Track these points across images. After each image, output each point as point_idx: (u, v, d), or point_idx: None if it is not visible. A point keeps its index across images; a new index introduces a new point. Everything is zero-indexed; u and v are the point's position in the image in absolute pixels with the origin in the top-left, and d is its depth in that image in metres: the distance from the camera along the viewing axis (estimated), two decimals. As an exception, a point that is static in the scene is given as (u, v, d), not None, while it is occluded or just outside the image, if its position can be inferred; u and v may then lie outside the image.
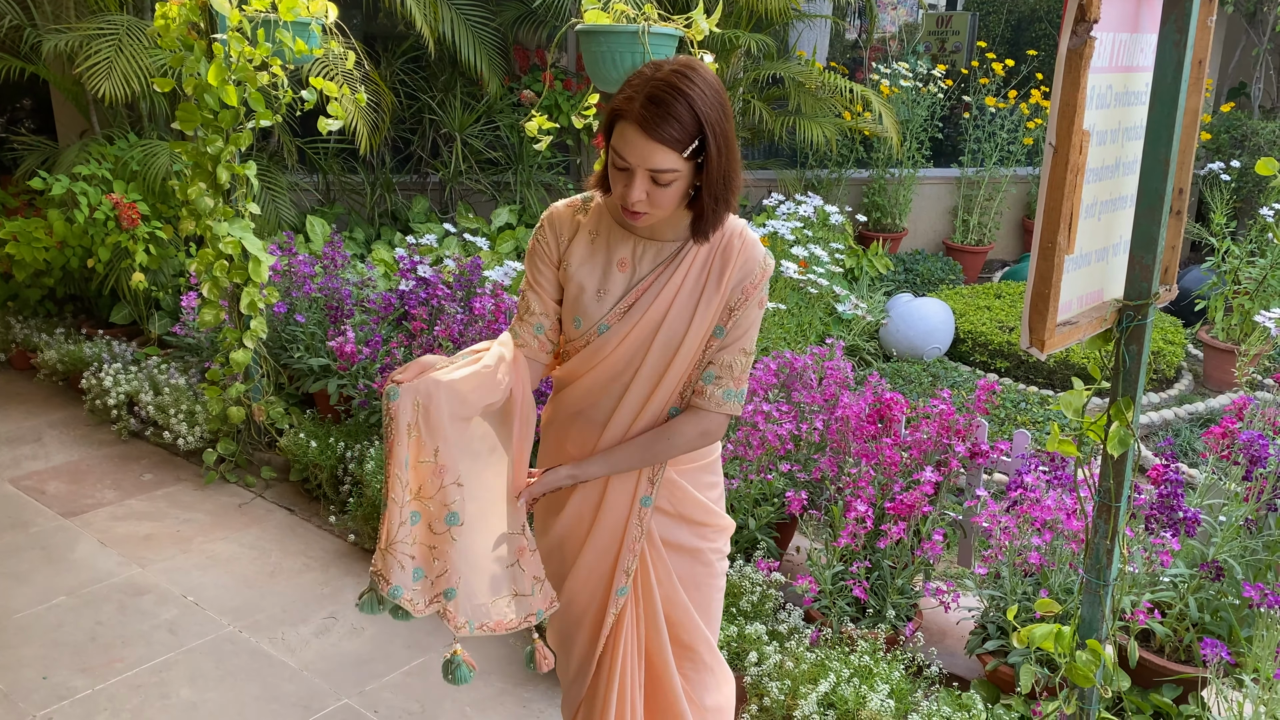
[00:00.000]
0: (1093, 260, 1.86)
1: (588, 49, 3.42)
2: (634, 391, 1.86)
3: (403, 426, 1.68)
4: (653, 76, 1.65)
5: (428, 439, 1.71)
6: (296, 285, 4.67)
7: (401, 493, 1.71)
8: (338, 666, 3.12)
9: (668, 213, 1.73)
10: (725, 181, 1.71)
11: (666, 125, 1.62)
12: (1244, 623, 2.64)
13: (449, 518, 1.74)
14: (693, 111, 1.63)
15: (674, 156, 1.64)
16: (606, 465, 1.89)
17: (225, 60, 3.77)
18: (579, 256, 1.84)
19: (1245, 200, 7.68)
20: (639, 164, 1.65)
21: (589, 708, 2.04)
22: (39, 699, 2.95)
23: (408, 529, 1.72)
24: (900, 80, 7.58)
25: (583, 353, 1.86)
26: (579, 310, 1.85)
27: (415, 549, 1.74)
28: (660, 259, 1.83)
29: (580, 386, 1.90)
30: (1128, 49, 1.78)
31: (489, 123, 6.67)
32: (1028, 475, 2.94)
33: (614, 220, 1.85)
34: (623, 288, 1.83)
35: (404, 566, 1.72)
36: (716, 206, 1.72)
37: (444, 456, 1.72)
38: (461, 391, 1.72)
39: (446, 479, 1.73)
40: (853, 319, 5.78)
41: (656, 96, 1.62)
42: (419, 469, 1.72)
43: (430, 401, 1.69)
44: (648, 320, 1.82)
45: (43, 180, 5.11)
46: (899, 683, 2.66)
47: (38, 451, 4.60)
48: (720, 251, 1.83)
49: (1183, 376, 5.89)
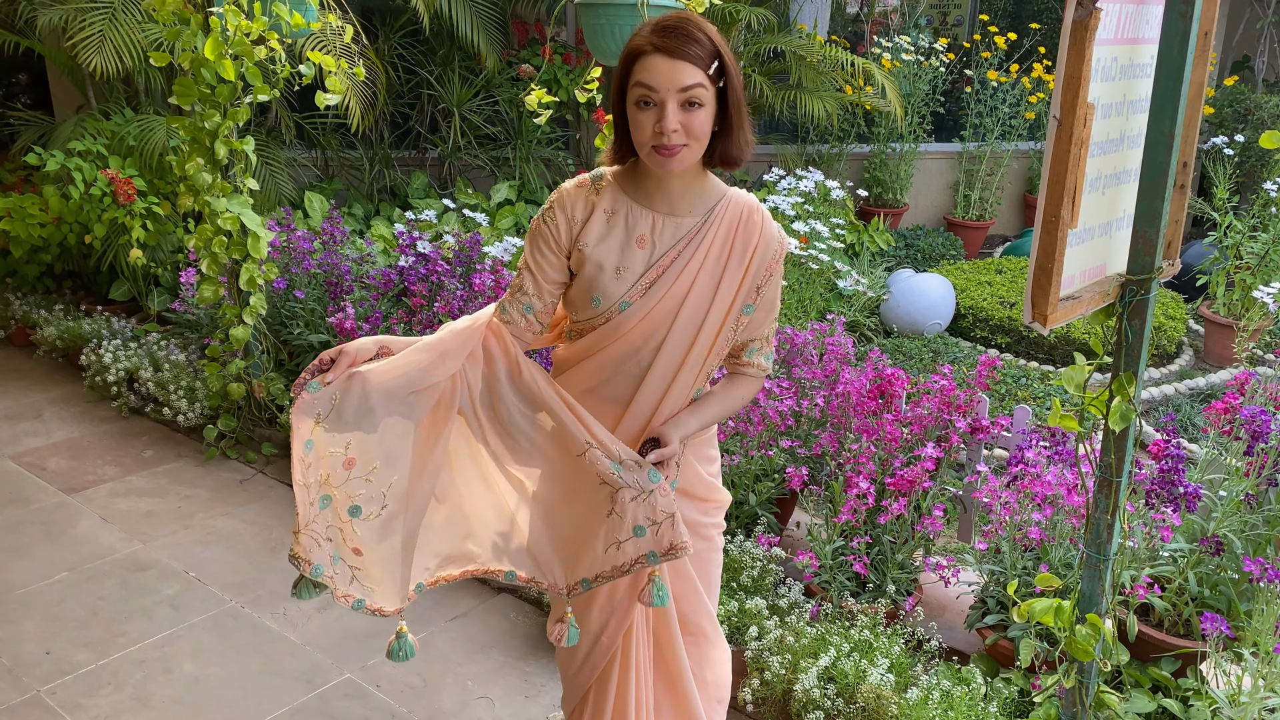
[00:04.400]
0: (1096, 234, 1.85)
1: (587, 22, 3.39)
2: (657, 370, 1.85)
3: (310, 417, 1.72)
4: (661, 17, 1.72)
5: (337, 433, 1.73)
6: (296, 261, 4.65)
7: (304, 474, 1.72)
8: (339, 641, 3.13)
9: (701, 146, 1.73)
10: (741, 111, 1.74)
11: (688, 44, 1.66)
12: (1243, 597, 2.65)
13: (351, 510, 1.77)
14: (706, 35, 1.69)
15: (700, 73, 1.67)
16: (698, 420, 1.90)
17: (222, 34, 3.73)
18: (595, 235, 1.82)
19: (1248, 175, 7.64)
20: (669, 88, 1.66)
21: (600, 688, 2.03)
22: (42, 673, 2.96)
23: (316, 510, 1.74)
24: (902, 54, 7.52)
25: (599, 330, 1.85)
26: (598, 289, 1.82)
27: (332, 532, 1.76)
28: (680, 235, 1.82)
29: (591, 364, 1.88)
30: (1133, 20, 1.76)
31: (488, 98, 6.63)
32: (1028, 450, 2.94)
33: (631, 197, 1.83)
34: (643, 265, 1.81)
35: (319, 545, 1.74)
36: (734, 135, 1.75)
37: (354, 450, 1.75)
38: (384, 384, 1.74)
39: (355, 471, 1.76)
40: (853, 295, 5.76)
41: (668, 25, 1.69)
42: (328, 458, 1.74)
43: (344, 397, 1.72)
44: (671, 297, 1.81)
45: (38, 156, 5.08)
46: (899, 657, 2.67)
47: (38, 428, 4.60)
48: (742, 228, 1.83)
49: (1184, 352, 5.88)
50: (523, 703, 2.87)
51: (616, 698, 2.01)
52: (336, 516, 1.76)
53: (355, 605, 1.79)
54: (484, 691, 2.93)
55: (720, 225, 1.82)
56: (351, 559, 1.78)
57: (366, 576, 1.80)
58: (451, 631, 3.16)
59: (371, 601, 1.80)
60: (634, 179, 1.83)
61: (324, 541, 1.74)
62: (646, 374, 1.86)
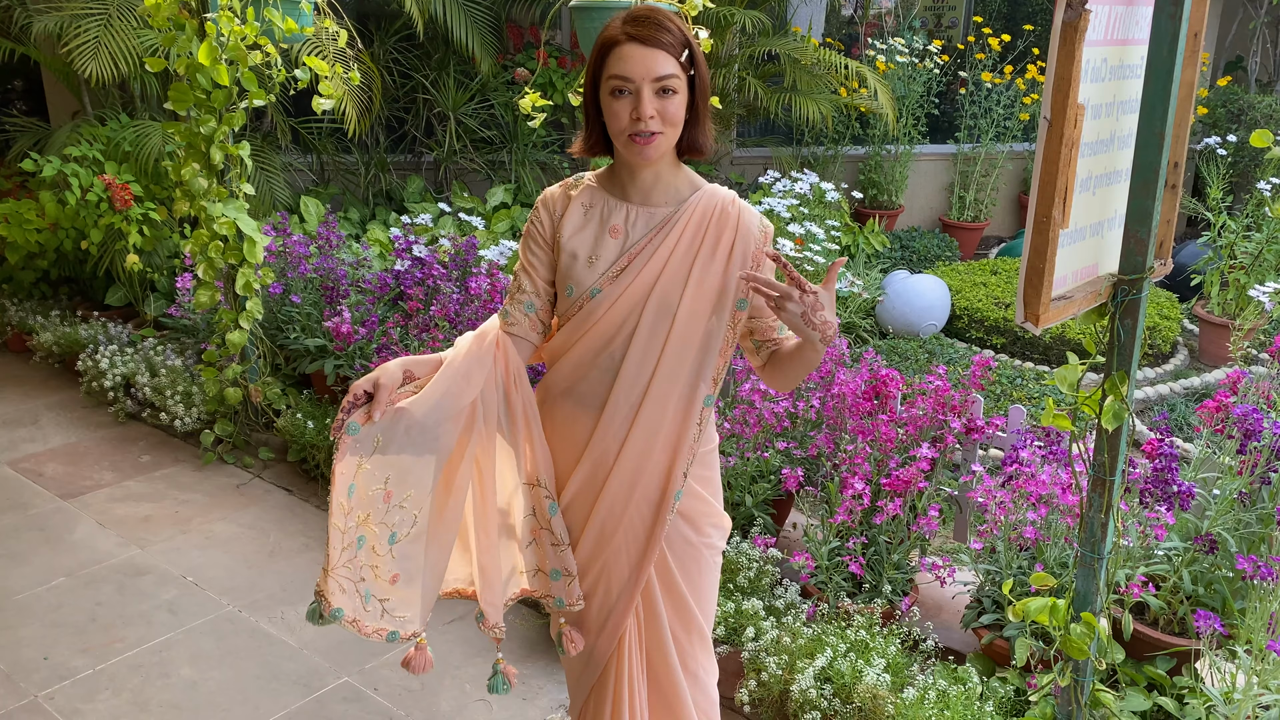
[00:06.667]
0: (1087, 235, 1.86)
1: (581, 25, 3.40)
2: (631, 361, 1.83)
3: (354, 459, 1.71)
4: (630, 9, 1.76)
5: (379, 471, 1.73)
6: (292, 266, 4.65)
7: (344, 520, 1.72)
8: (337, 645, 3.14)
9: (676, 133, 1.77)
10: (707, 100, 1.80)
11: (661, 33, 1.71)
12: (1237, 595, 2.66)
13: (390, 538, 1.77)
14: (675, 25, 1.74)
15: (673, 61, 1.72)
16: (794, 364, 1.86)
17: (217, 39, 3.74)
18: (572, 227, 1.85)
19: (1241, 175, 7.67)
20: (643, 77, 1.70)
21: (598, 694, 2.03)
22: (40, 679, 2.96)
23: (352, 553, 1.74)
24: (896, 56, 7.54)
25: (573, 320, 1.85)
26: (571, 278, 1.84)
27: (365, 571, 1.76)
28: (652, 224, 1.83)
29: (569, 360, 1.88)
30: (1123, 21, 1.77)
31: (483, 101, 6.64)
32: (1023, 450, 2.95)
33: (608, 192, 1.86)
34: (615, 253, 1.83)
35: (344, 590, 1.74)
36: (701, 123, 1.81)
37: (393, 483, 1.75)
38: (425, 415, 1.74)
39: (393, 502, 1.76)
40: (849, 296, 5.77)
41: (639, 15, 1.73)
42: (367, 499, 1.74)
43: (388, 434, 1.72)
44: (640, 282, 1.81)
45: (34, 162, 5.08)
46: (895, 657, 2.68)
47: (35, 434, 4.60)
48: (715, 218, 1.83)
49: (1178, 351, 5.90)
50: (520, 705, 2.88)
51: (613, 706, 2.01)
52: (372, 554, 1.76)
53: (389, 638, 1.79)
54: (482, 694, 2.93)
55: (694, 215, 1.83)
56: (384, 591, 1.77)
57: (399, 604, 1.79)
58: (449, 634, 3.17)
59: (405, 630, 1.81)
60: (610, 175, 1.88)
61: (355, 583, 1.74)
62: (620, 367, 1.84)
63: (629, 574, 1.94)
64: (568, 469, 1.92)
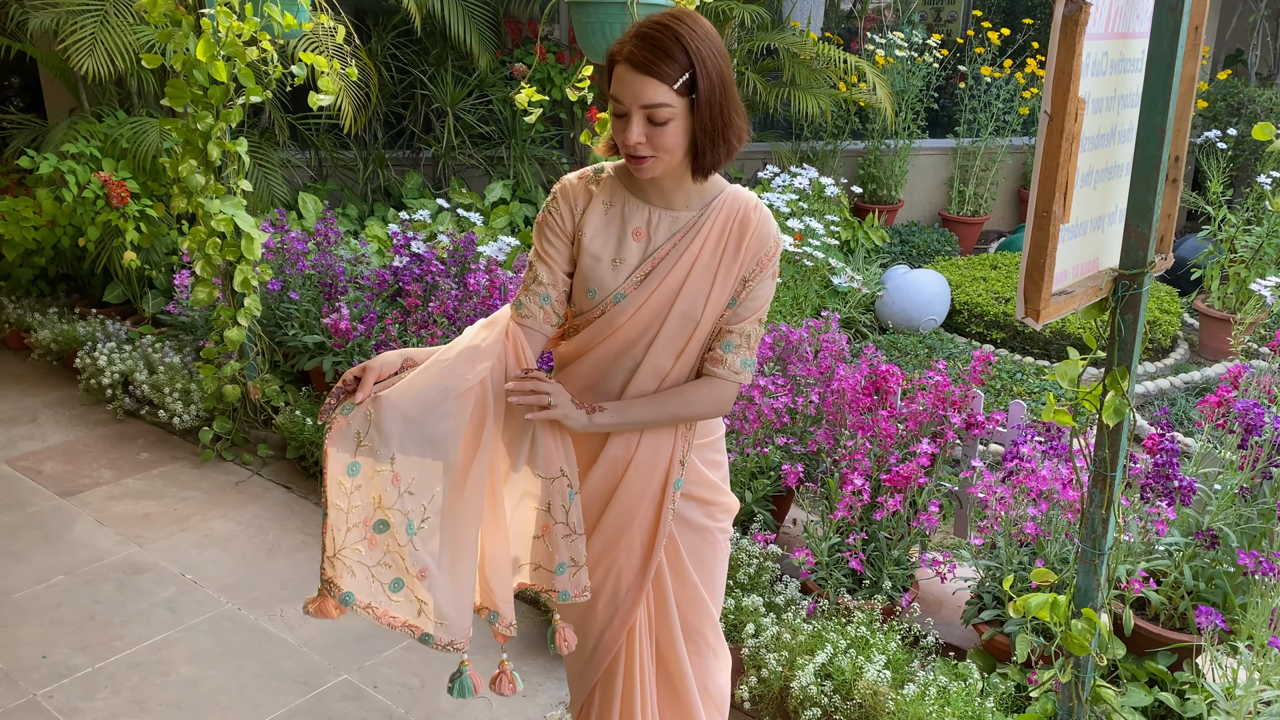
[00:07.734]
0: (1088, 229, 1.85)
1: (579, 20, 3.39)
2: (649, 364, 1.84)
3: (351, 435, 1.67)
4: (645, 20, 1.70)
5: (381, 447, 1.69)
6: (290, 262, 4.64)
7: (346, 500, 1.68)
8: (337, 642, 3.13)
9: (673, 157, 1.71)
10: (722, 119, 1.69)
11: (655, 58, 1.63)
12: (1238, 590, 2.65)
13: (408, 527, 1.73)
14: (681, 46, 1.63)
15: (665, 90, 1.64)
16: (620, 416, 1.84)
17: (214, 36, 3.73)
18: (593, 226, 1.83)
19: (1242, 168, 7.66)
20: (633, 102, 1.65)
21: (606, 688, 2.03)
22: (39, 677, 2.96)
23: (361, 533, 1.70)
24: (895, 50, 7.53)
25: (596, 323, 1.84)
26: (594, 280, 1.82)
27: (389, 558, 1.73)
28: (676, 229, 1.82)
29: (589, 360, 1.87)
30: (1124, 15, 1.76)
31: (481, 97, 6.62)
32: (1023, 446, 2.94)
33: (628, 190, 1.84)
34: (639, 257, 1.81)
35: (354, 573, 1.70)
36: (714, 145, 1.70)
37: (399, 465, 1.71)
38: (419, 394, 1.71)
39: (402, 487, 1.72)
40: (848, 291, 5.76)
41: (645, 34, 1.66)
42: (376, 478, 1.70)
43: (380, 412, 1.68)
44: (665, 288, 1.80)
45: (31, 159, 5.06)
46: (895, 653, 2.67)
47: (33, 432, 4.59)
48: (737, 223, 1.82)
49: (1179, 345, 5.89)
50: (520, 702, 2.87)
51: (623, 697, 2.01)
52: (394, 540, 1.72)
53: (423, 639, 1.77)
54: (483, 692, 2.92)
55: (717, 220, 1.81)
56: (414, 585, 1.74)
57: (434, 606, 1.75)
58: (449, 632, 3.16)
59: (442, 638, 1.77)
60: (630, 174, 1.83)
61: (370, 568, 1.71)
62: (638, 369, 1.85)
63: (639, 563, 1.95)
64: (584, 465, 1.92)
